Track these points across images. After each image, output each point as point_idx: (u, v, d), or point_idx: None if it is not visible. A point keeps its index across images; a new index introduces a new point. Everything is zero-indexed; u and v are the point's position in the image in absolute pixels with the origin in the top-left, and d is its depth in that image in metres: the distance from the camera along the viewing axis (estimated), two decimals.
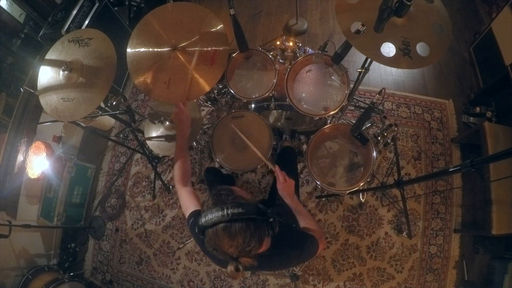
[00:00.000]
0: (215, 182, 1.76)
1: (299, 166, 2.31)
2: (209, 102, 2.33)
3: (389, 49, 1.23)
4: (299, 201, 1.28)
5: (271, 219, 0.83)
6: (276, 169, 1.22)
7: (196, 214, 1.04)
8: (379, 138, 2.10)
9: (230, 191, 0.88)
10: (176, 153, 1.30)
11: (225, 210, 0.78)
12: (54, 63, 1.44)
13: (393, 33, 1.22)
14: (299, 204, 1.25)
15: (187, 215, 1.11)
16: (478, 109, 2.30)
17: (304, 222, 1.20)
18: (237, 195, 0.87)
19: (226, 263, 0.82)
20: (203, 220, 0.81)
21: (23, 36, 2.46)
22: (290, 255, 1.05)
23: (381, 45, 1.23)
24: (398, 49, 1.22)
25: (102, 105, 1.58)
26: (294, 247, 1.05)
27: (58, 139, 2.43)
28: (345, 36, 1.26)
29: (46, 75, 1.44)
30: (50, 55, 1.47)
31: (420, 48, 1.22)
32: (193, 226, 1.03)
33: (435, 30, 1.26)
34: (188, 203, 1.13)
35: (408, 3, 1.09)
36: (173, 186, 2.44)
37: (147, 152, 2.18)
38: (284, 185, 1.20)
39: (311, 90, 1.77)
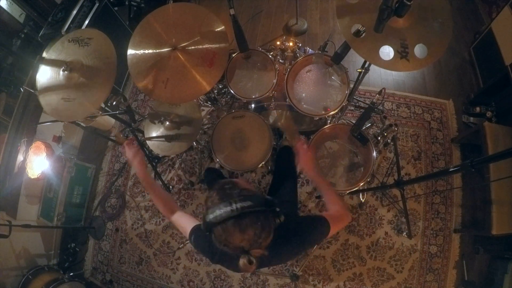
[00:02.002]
0: (215, 181, 1.76)
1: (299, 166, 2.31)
2: (209, 102, 2.33)
3: (389, 49, 1.23)
4: (321, 175, 1.26)
5: (278, 209, 0.83)
6: (299, 143, 1.21)
7: (197, 229, 1.04)
8: (379, 138, 2.10)
9: (234, 184, 0.86)
10: (145, 187, 1.25)
11: (234, 204, 0.76)
12: (54, 63, 1.44)
13: (392, 34, 1.22)
14: (321, 178, 1.22)
15: (187, 234, 1.07)
16: (478, 109, 2.30)
17: (328, 196, 1.17)
18: (242, 187, 0.85)
19: (237, 264, 0.80)
20: (210, 216, 0.78)
21: (23, 36, 2.46)
22: (300, 238, 1.01)
23: (380, 46, 1.23)
24: (396, 52, 1.22)
25: (102, 105, 1.59)
26: (300, 230, 1.02)
27: (58, 139, 2.43)
28: (344, 37, 1.26)
29: (46, 75, 1.44)
30: (50, 55, 1.47)
31: (418, 50, 1.23)
32: (197, 241, 1.03)
33: (434, 28, 1.25)
34: (184, 224, 1.10)
35: (408, 3, 1.09)
36: (173, 186, 2.44)
37: (147, 152, 2.18)
38: (305, 158, 1.19)
39: (311, 90, 1.77)
